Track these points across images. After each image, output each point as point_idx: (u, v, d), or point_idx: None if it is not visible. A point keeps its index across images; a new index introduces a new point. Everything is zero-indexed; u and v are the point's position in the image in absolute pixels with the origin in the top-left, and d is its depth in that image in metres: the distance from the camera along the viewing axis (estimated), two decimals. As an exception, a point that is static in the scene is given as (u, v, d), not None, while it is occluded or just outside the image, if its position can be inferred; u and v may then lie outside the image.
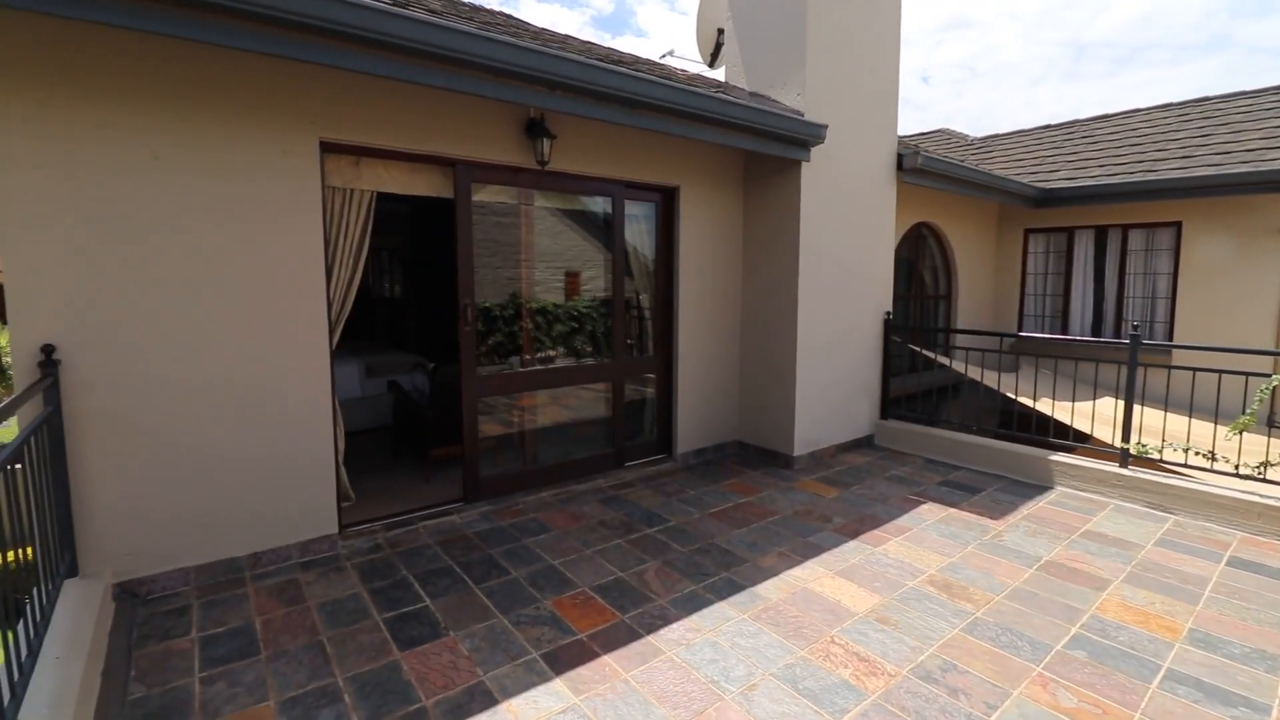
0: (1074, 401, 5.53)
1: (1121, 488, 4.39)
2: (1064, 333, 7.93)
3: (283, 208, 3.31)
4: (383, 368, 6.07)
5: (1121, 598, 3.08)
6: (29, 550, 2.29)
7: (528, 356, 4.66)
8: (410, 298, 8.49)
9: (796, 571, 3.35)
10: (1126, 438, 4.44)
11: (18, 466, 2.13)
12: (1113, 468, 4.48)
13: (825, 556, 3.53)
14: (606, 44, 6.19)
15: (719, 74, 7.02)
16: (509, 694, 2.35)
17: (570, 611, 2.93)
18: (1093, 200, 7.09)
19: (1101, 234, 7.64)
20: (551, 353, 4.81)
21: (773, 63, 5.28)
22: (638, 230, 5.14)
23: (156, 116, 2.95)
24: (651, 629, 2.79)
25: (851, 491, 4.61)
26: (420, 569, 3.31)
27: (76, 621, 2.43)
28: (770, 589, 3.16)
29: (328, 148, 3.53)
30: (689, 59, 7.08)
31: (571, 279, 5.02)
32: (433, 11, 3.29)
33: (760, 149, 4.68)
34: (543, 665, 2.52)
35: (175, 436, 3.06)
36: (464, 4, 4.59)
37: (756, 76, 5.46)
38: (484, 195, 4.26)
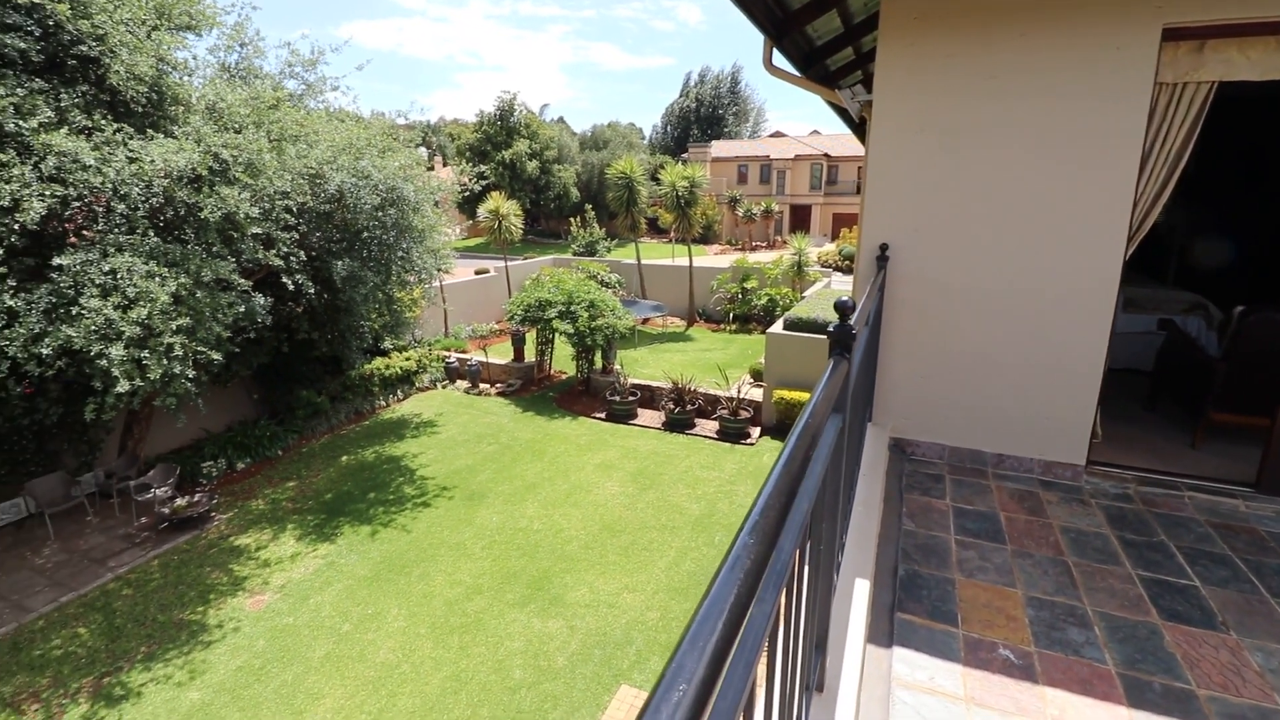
0: None
1: None
2: None
3: (1100, 110, 3.09)
4: (1146, 303, 5.13)
5: None
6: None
7: None
8: (1180, 222, 6.78)
9: None
10: None
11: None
12: None
13: None
14: None
15: None
16: (1340, 754, 1.75)
17: None
18: None
19: None
20: None
21: None
22: None
23: (994, 38, 3.18)
24: None
25: None
26: (1185, 543, 2.78)
27: (873, 455, 3.22)
28: None
29: (1170, 34, 3.01)
30: None
31: None
32: None
33: None
34: (1404, 753, 1.76)
35: (953, 332, 3.49)
36: None
37: None
38: None
